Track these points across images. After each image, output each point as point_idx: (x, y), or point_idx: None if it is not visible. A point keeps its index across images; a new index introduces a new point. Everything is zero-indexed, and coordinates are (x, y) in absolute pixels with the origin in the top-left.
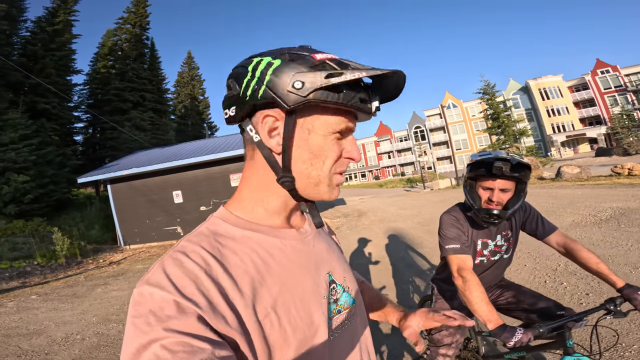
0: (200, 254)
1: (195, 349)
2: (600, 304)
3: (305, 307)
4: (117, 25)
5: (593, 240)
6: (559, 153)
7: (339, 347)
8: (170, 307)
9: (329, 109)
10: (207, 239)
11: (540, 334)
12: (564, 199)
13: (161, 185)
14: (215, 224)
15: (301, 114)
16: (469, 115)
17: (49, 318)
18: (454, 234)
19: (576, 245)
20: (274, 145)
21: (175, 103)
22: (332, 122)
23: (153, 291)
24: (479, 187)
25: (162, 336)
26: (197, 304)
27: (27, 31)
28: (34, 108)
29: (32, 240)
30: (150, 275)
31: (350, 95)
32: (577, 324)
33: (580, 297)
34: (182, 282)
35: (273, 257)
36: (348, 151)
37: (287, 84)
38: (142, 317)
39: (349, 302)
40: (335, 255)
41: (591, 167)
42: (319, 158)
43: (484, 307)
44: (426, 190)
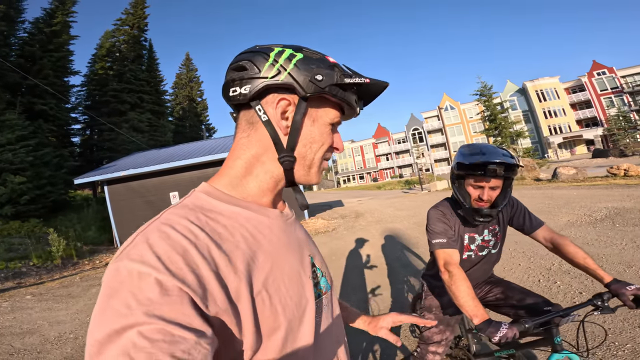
0: (188, 226)
1: (177, 338)
2: (587, 300)
3: (294, 287)
4: (115, 26)
5: (588, 240)
6: (556, 155)
7: (324, 329)
8: (152, 288)
9: (331, 103)
10: (193, 212)
11: (527, 329)
12: (559, 200)
13: (158, 186)
14: (199, 198)
15: (311, 103)
16: (467, 117)
17: (42, 317)
18: (440, 228)
19: (563, 241)
20: (283, 126)
21: (173, 105)
22: (331, 115)
23: (133, 267)
24: (468, 185)
25: (142, 322)
26: (185, 282)
27: (25, 32)
28: (32, 109)
29: (28, 241)
30: (131, 248)
31: (350, 95)
32: (563, 319)
33: (573, 295)
34: (169, 256)
35: (263, 234)
36: (335, 142)
37: (309, 75)
38: (119, 299)
39: (326, 287)
40: (311, 241)
41: (587, 168)
42: (316, 143)
43: (469, 302)
44: (424, 192)
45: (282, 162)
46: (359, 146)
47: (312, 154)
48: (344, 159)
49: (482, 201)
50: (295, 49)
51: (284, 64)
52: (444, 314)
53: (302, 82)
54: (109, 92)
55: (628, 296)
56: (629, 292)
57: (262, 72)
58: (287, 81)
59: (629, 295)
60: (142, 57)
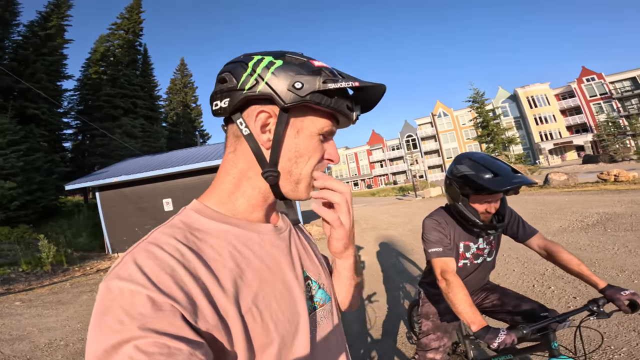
0: (175, 246)
1: (173, 350)
2: (583, 305)
3: (286, 302)
4: (110, 31)
5: (580, 245)
6: (547, 160)
7: (319, 343)
8: (144, 304)
9: (318, 112)
10: (181, 232)
11: (524, 335)
12: (551, 205)
13: (151, 192)
14: (189, 216)
15: (294, 113)
16: (460, 124)
17: (32, 324)
18: (436, 237)
19: (557, 248)
20: (264, 140)
21: (167, 110)
22: (319, 124)
23: (124, 286)
24: (475, 201)
25: (137, 336)
26: (175, 299)
27: (20, 35)
28: (23, 113)
29: (18, 247)
30: (120, 268)
31: (340, 101)
32: (560, 325)
33: (567, 300)
34: (157, 275)
35: (252, 251)
36: (329, 153)
37: (288, 84)
38: (112, 315)
39: (324, 299)
40: (310, 252)
41: (578, 174)
42: (303, 157)
43: (467, 309)
44: (418, 199)
45: (265, 177)
46: (353, 153)
47: (298, 169)
48: (338, 165)
49: (489, 214)
50: (276, 56)
51: (262, 73)
52: (442, 321)
53: (281, 91)
54: (102, 97)
55: (623, 301)
56: (624, 297)
57: (240, 84)
58: (264, 91)
59: (624, 300)
60: (136, 62)
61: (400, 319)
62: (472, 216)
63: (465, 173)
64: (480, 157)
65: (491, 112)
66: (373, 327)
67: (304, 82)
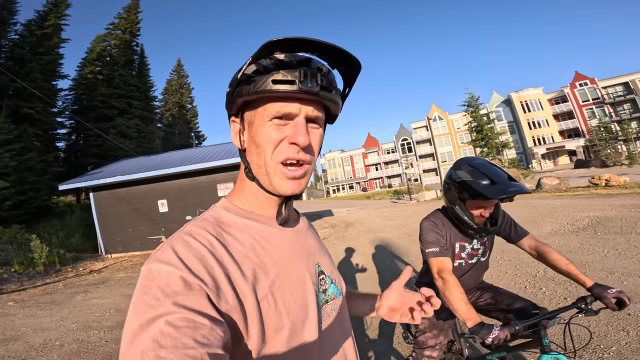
0: (206, 236)
1: (198, 324)
2: (572, 303)
3: (299, 292)
4: (107, 30)
5: (571, 248)
6: (540, 165)
7: (329, 333)
8: (177, 283)
9: (260, 100)
10: (211, 225)
11: (517, 331)
12: (543, 209)
13: (146, 194)
14: (218, 212)
15: (244, 112)
16: (454, 128)
17: (26, 324)
18: (433, 238)
19: (547, 248)
20: (238, 143)
21: (163, 111)
22: (263, 111)
23: (162, 268)
24: (471, 206)
25: (169, 311)
26: (204, 281)
27: (16, 34)
28: (18, 112)
29: (10, 248)
30: (159, 253)
31: (259, 82)
32: (550, 321)
33: (558, 301)
34: (190, 260)
35: (272, 244)
36: (290, 137)
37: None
38: (150, 293)
39: (335, 293)
40: (323, 250)
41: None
42: (260, 147)
43: (463, 307)
44: (412, 202)
45: (246, 174)
46: (349, 156)
47: (262, 159)
48: (333, 168)
49: (483, 217)
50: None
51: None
52: (438, 319)
53: (227, 102)
54: (98, 97)
55: (610, 299)
56: (611, 295)
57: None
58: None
59: (611, 298)
60: (132, 62)
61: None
62: (467, 219)
63: (464, 179)
64: (479, 164)
65: (485, 117)
66: (369, 328)
67: (230, 86)
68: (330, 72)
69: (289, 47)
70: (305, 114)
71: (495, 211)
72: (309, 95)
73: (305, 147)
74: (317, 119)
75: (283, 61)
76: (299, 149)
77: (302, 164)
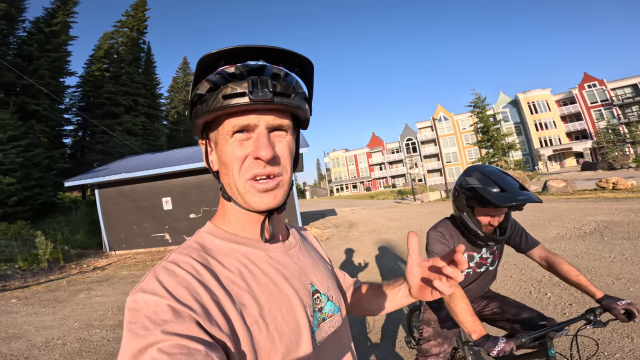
0: (191, 263)
1: (192, 350)
2: (580, 314)
3: (291, 315)
4: (114, 28)
5: (577, 253)
6: (546, 167)
7: (325, 354)
8: (165, 312)
9: (218, 118)
10: (196, 251)
11: (523, 343)
12: (549, 213)
13: (151, 191)
14: (203, 237)
15: (207, 133)
16: (460, 129)
17: (29, 322)
18: (439, 249)
19: (557, 259)
20: (209, 166)
21: (168, 108)
22: (223, 129)
23: (148, 298)
24: (479, 213)
25: (160, 339)
26: (192, 309)
27: (25, 31)
28: (25, 109)
29: (15, 244)
30: (144, 283)
31: (210, 100)
32: (557, 333)
33: (563, 307)
34: (175, 289)
35: (259, 267)
36: (252, 151)
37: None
38: (138, 323)
39: (332, 310)
40: (319, 266)
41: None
42: (228, 167)
43: (468, 318)
44: (416, 203)
45: (222, 194)
46: (353, 155)
47: (231, 179)
48: (337, 167)
49: (492, 226)
50: None
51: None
52: (442, 328)
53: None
54: (104, 94)
55: (619, 310)
56: (620, 306)
57: None
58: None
59: (620, 309)
60: (139, 60)
61: (399, 323)
62: (474, 227)
63: (474, 186)
64: (490, 171)
65: (492, 118)
66: (372, 331)
67: (188, 109)
68: (288, 75)
69: (236, 58)
70: (266, 123)
71: (505, 220)
72: (263, 104)
73: (271, 159)
74: (281, 127)
75: (232, 73)
76: (264, 164)
77: (273, 177)
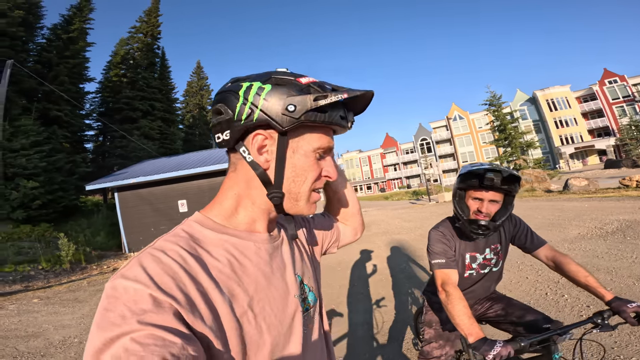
0: (178, 252)
1: (167, 342)
2: (587, 317)
3: (279, 306)
4: (129, 34)
5: (598, 253)
6: (567, 165)
7: (309, 342)
8: (146, 301)
9: (314, 129)
10: (184, 240)
11: (522, 347)
12: (570, 212)
13: (167, 194)
14: (192, 227)
15: (291, 134)
16: (476, 127)
17: (48, 321)
18: (439, 249)
19: (565, 259)
20: (262, 161)
21: (184, 112)
22: (314, 142)
23: (129, 285)
24: (469, 198)
25: (135, 329)
26: (176, 299)
27: (43, 38)
28: (47, 115)
29: (38, 245)
30: (126, 269)
31: (333, 114)
32: (560, 337)
33: (581, 309)
34: (160, 277)
35: (248, 258)
36: (326, 170)
37: (281, 107)
38: (115, 311)
39: (313, 300)
40: (304, 257)
41: (599, 179)
42: (300, 176)
43: (465, 321)
44: (431, 203)
45: (270, 198)
46: (367, 156)
47: (297, 188)
48: (351, 168)
49: (481, 214)
50: (264, 80)
51: (254, 101)
52: (444, 330)
53: (276, 116)
54: (122, 99)
55: (629, 313)
56: (630, 309)
57: (237, 115)
58: (261, 119)
59: (630, 312)
60: (154, 65)
61: (407, 324)
62: (459, 211)
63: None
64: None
65: (509, 116)
66: (379, 332)
67: (296, 104)
68: None
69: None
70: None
71: (500, 212)
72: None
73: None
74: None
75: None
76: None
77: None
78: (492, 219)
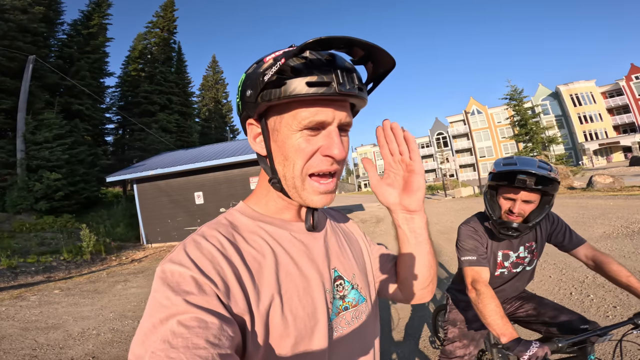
0: (217, 238)
1: (209, 324)
2: (627, 318)
3: (308, 298)
4: (147, 29)
5: (624, 252)
6: (591, 162)
7: (343, 343)
8: (188, 283)
9: (288, 105)
10: (224, 227)
11: (559, 348)
12: (594, 210)
13: (184, 186)
14: (232, 215)
15: (267, 116)
16: (495, 122)
17: (68, 313)
18: (470, 245)
19: (606, 259)
20: (259, 149)
21: (200, 106)
22: (296, 119)
23: (174, 268)
24: (500, 197)
25: (181, 311)
26: (214, 282)
27: (64, 34)
28: (69, 109)
29: (60, 236)
30: (173, 254)
31: (292, 85)
32: (600, 338)
33: (607, 309)
34: (200, 260)
35: (282, 246)
36: (324, 147)
37: (246, 95)
38: (161, 292)
39: (357, 299)
40: (348, 253)
41: (625, 176)
42: (289, 159)
43: (498, 321)
44: (447, 198)
45: (272, 185)
46: None
47: (289, 172)
48: None
49: (512, 214)
50: (247, 69)
51: (240, 93)
52: (469, 329)
53: (246, 104)
54: (141, 94)
55: None
56: None
57: (240, 109)
58: (243, 107)
59: None
60: (171, 59)
61: (424, 322)
62: (489, 209)
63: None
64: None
65: (530, 110)
66: (396, 329)
67: (250, 88)
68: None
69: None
70: (339, 121)
71: (534, 213)
72: (347, 97)
73: (341, 159)
74: (347, 126)
75: (313, 61)
76: (332, 161)
77: (333, 175)
78: (525, 220)
